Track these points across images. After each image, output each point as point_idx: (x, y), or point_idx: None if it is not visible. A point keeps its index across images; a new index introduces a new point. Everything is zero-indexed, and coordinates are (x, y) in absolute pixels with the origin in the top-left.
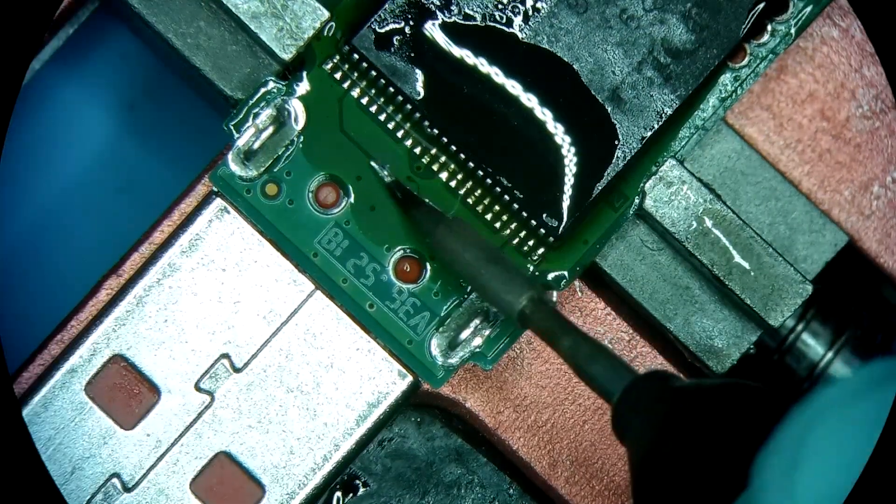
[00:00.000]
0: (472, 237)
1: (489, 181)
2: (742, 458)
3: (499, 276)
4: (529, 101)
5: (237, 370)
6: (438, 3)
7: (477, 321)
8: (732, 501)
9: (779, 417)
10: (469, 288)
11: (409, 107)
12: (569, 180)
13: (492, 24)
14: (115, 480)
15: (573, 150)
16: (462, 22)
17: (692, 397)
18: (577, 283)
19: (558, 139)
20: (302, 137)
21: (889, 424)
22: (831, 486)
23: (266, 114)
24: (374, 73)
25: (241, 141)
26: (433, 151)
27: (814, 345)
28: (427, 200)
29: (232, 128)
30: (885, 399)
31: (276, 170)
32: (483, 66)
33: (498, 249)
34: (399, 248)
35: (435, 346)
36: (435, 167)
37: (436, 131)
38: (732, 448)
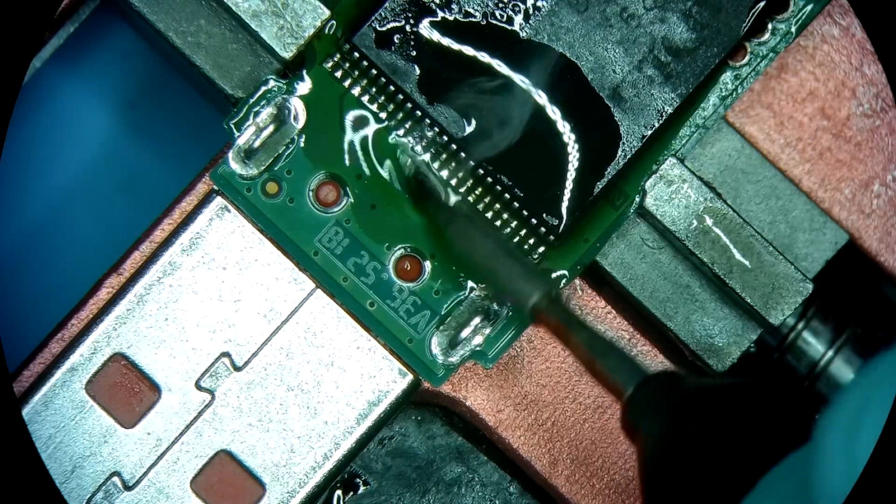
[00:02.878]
0: (488, 231)
1: (490, 179)
2: (748, 458)
3: (514, 270)
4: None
5: (238, 369)
6: (439, 2)
7: (477, 320)
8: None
9: (789, 416)
10: (478, 281)
11: (409, 105)
12: (569, 178)
13: (492, 22)
14: (115, 479)
15: (574, 148)
16: (462, 20)
17: (703, 396)
18: (577, 281)
19: (559, 138)
20: (302, 136)
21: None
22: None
23: (266, 112)
24: (374, 71)
25: (242, 139)
26: (434, 150)
27: (814, 343)
28: (441, 194)
29: (232, 126)
30: None
31: (276, 168)
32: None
33: (513, 245)
34: (399, 246)
35: (435, 345)
36: (436, 165)
37: (436, 129)
38: (743, 446)
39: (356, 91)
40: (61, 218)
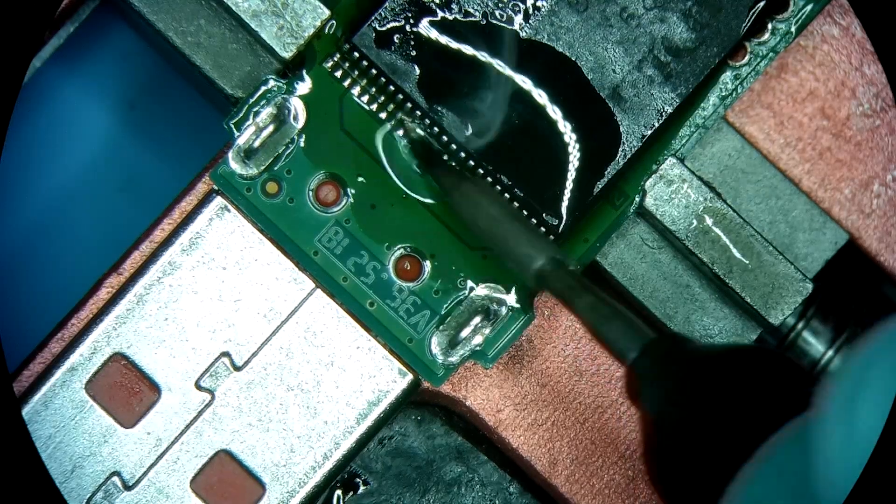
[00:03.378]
0: (495, 196)
1: (489, 179)
2: (749, 424)
3: (520, 234)
4: (530, 99)
5: (237, 368)
6: (438, 2)
7: (477, 320)
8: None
9: (790, 382)
10: (484, 245)
11: (409, 105)
12: (569, 178)
13: (492, 22)
14: (115, 479)
15: (574, 148)
16: (462, 20)
17: (706, 360)
18: None
19: (559, 138)
20: (302, 136)
21: None
22: (884, 415)
23: (266, 112)
24: (374, 71)
25: (242, 139)
26: (433, 149)
27: (814, 343)
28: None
29: (232, 126)
30: None
31: (276, 168)
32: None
33: (519, 211)
34: (399, 246)
35: (435, 345)
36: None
37: (436, 129)
38: (748, 410)
39: (356, 91)
40: (61, 218)
